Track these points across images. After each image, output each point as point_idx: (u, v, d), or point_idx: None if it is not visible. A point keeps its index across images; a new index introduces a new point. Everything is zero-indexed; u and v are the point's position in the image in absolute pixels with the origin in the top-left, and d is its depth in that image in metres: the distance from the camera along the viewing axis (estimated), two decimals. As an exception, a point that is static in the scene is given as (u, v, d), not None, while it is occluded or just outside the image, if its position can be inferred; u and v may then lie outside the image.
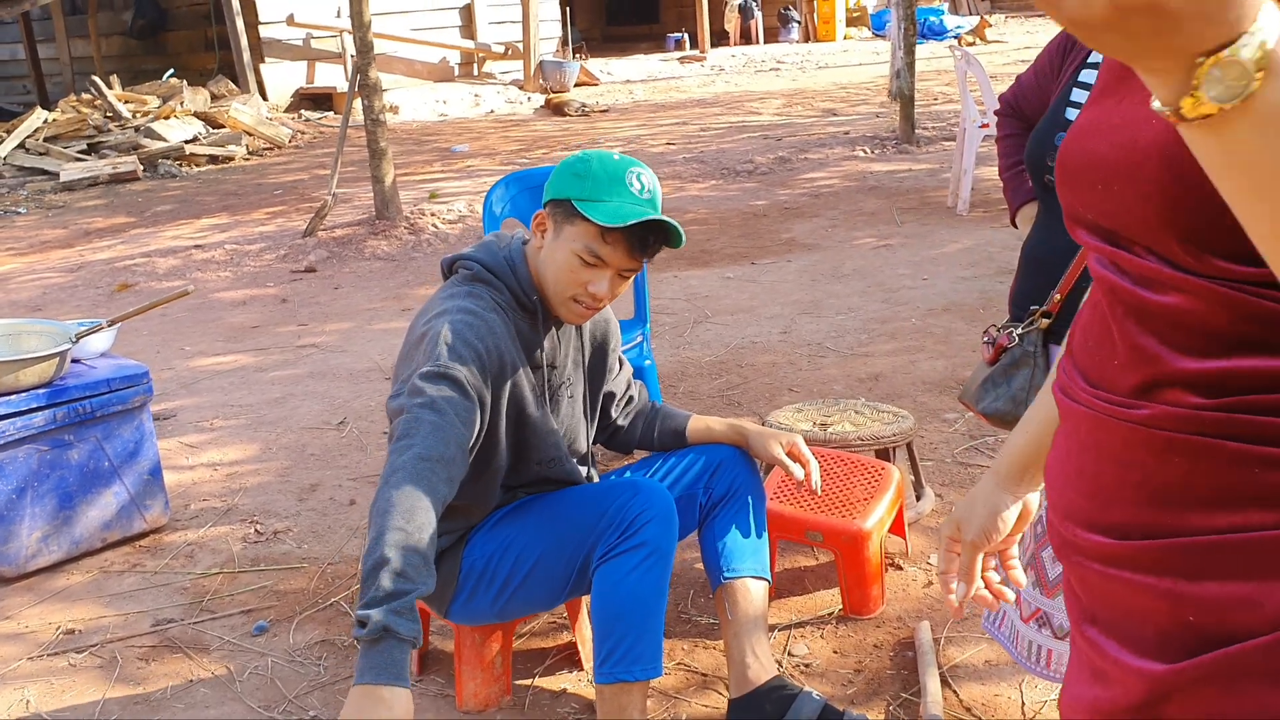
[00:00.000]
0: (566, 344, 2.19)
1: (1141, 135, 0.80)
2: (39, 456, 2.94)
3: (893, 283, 5.39)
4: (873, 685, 2.35)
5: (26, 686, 2.51)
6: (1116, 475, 0.86)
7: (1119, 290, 0.85)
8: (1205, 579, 0.81)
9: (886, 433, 2.95)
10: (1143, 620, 0.87)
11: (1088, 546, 0.90)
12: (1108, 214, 0.84)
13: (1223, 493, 0.80)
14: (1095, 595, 0.92)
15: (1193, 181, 0.75)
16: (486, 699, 2.32)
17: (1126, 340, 0.85)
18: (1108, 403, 0.86)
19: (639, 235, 1.97)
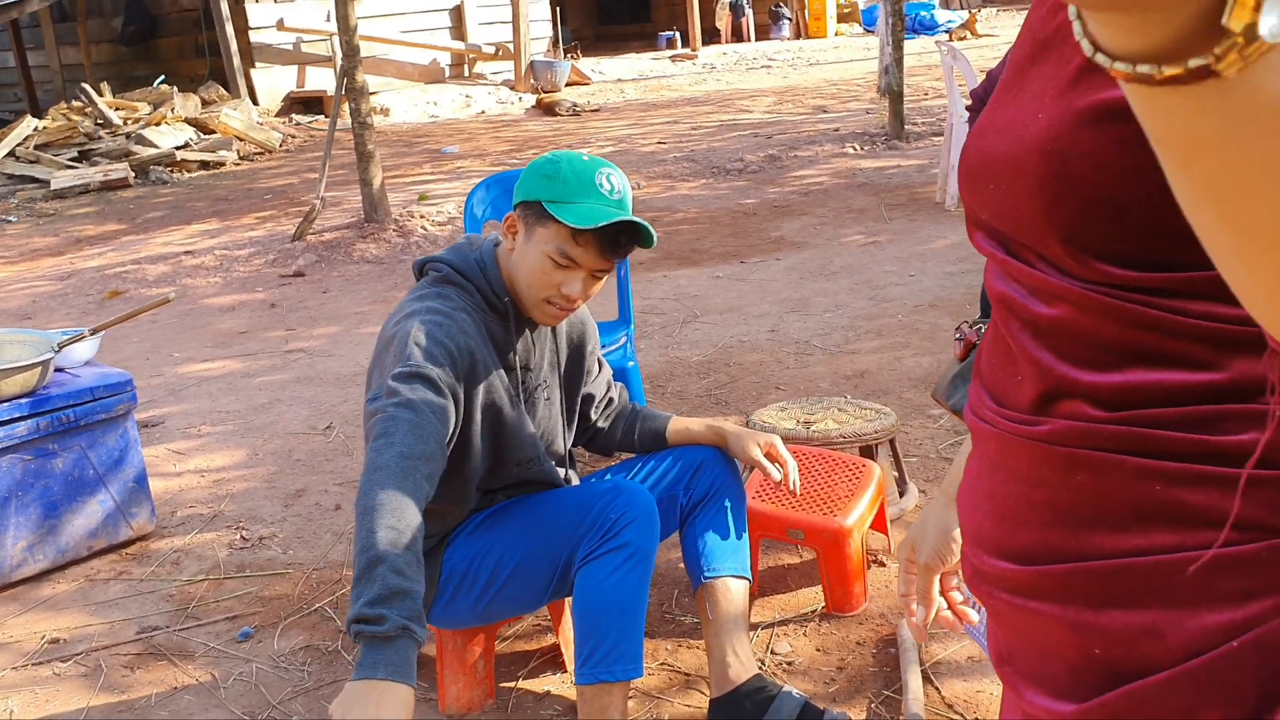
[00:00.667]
0: (542, 346, 2.20)
1: (1026, 131, 0.78)
2: (23, 466, 2.94)
3: (880, 279, 5.39)
4: (855, 683, 2.35)
5: (10, 696, 2.51)
6: (1023, 496, 0.82)
7: (1014, 305, 0.83)
8: (1110, 607, 0.78)
9: (869, 430, 2.95)
10: (1052, 655, 0.83)
11: (995, 574, 0.86)
12: (999, 215, 0.82)
13: (1127, 511, 0.77)
14: (1008, 630, 0.88)
15: (1072, 178, 0.74)
16: (469, 702, 2.33)
17: (1024, 355, 0.82)
18: (1012, 421, 0.83)
19: (610, 236, 1.98)
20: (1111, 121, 0.72)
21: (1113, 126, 0.72)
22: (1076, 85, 0.75)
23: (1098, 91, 0.73)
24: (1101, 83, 0.73)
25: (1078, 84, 0.75)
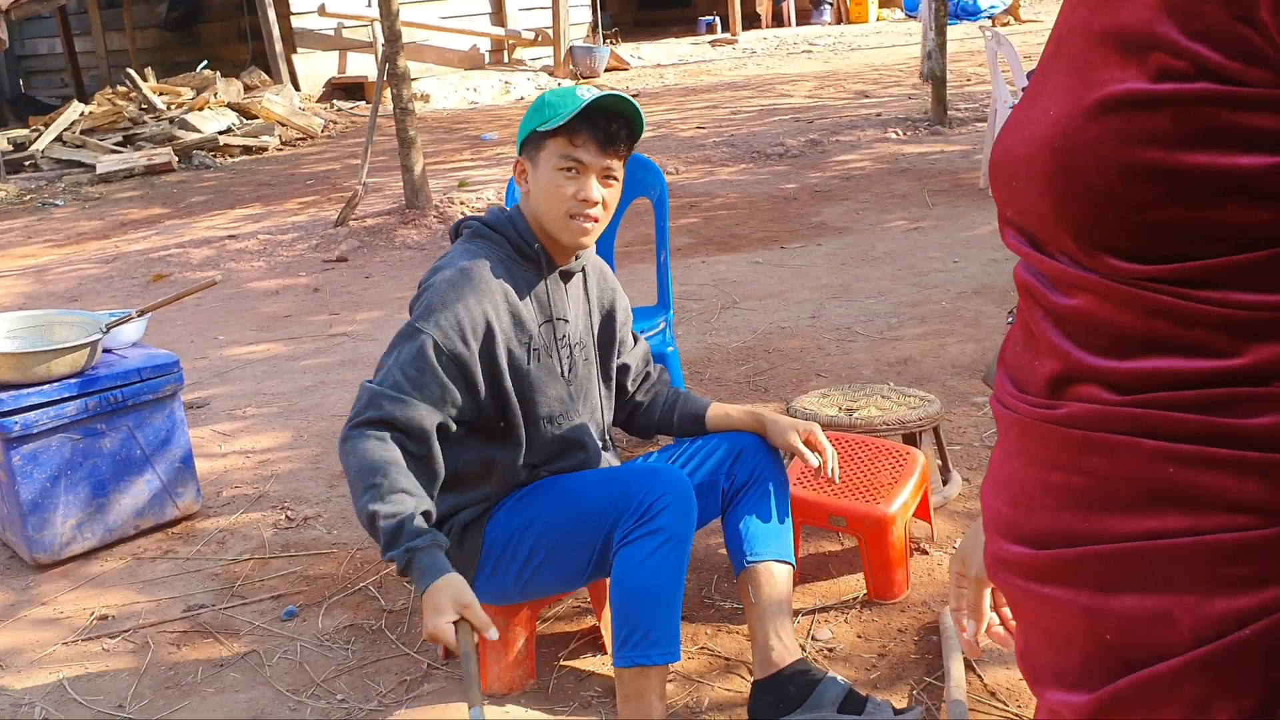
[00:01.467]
0: (578, 303, 2.23)
1: (1037, 128, 0.79)
2: (72, 445, 2.99)
3: (923, 266, 5.35)
4: (896, 669, 2.34)
5: (61, 671, 2.56)
6: (1039, 479, 0.83)
7: (1036, 293, 0.83)
8: (1122, 592, 0.77)
9: (912, 417, 2.93)
10: (1066, 644, 0.83)
11: (1010, 559, 0.86)
12: (1019, 211, 0.83)
13: (1140, 494, 0.77)
14: (1024, 620, 0.88)
15: (1078, 175, 0.74)
16: (510, 682, 2.34)
17: (1045, 341, 0.83)
18: (1030, 405, 0.84)
19: (603, 129, 2.03)
20: (1114, 114, 0.72)
21: (1115, 119, 0.72)
22: (1083, 80, 0.76)
23: (1103, 86, 0.74)
24: (1105, 77, 0.74)
25: (1085, 79, 0.76)
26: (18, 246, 7.43)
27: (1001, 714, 2.17)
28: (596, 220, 2.08)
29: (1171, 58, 0.71)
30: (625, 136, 2.07)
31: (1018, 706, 2.18)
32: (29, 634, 2.72)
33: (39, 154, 10.14)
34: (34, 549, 2.98)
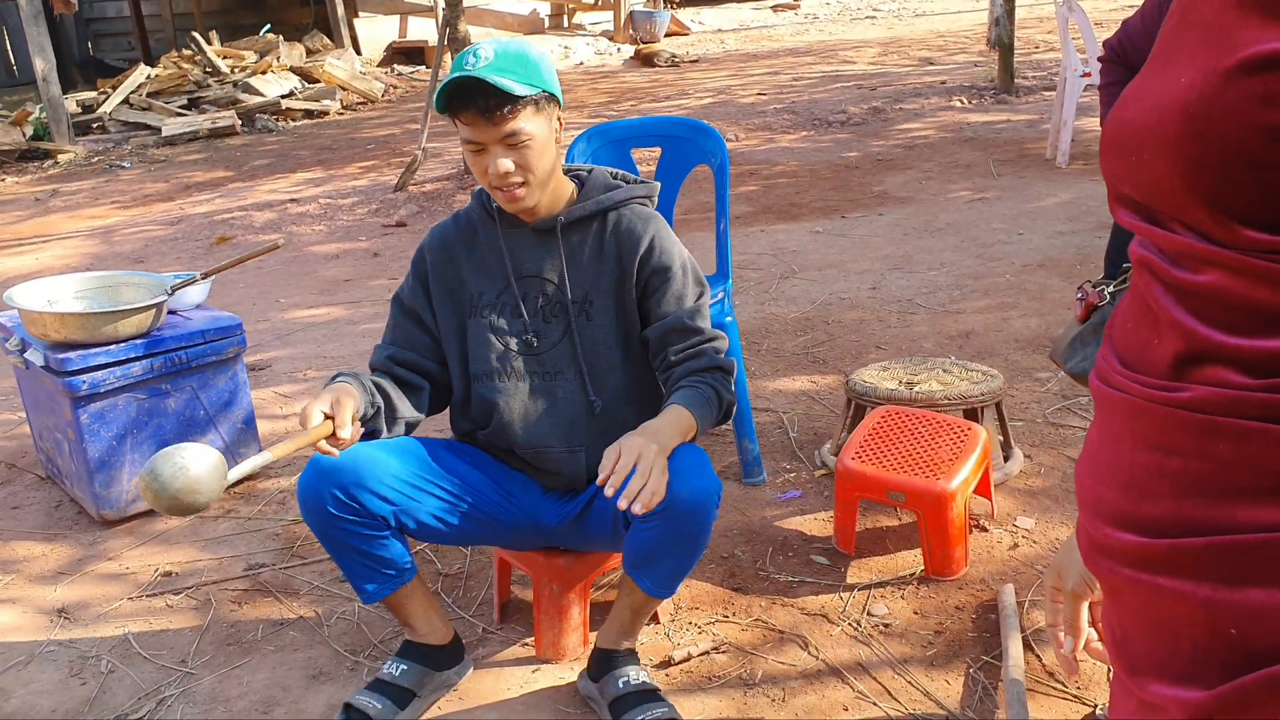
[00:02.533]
0: (576, 260, 2.14)
1: (1167, 96, 0.75)
2: (137, 405, 3.04)
3: (987, 237, 5.25)
4: (953, 647, 2.31)
5: (127, 625, 2.61)
6: (1153, 464, 0.79)
7: (1157, 269, 0.80)
8: (1249, 585, 0.74)
9: (974, 392, 2.88)
10: (1176, 636, 0.79)
11: (1119, 547, 0.82)
12: (1141, 186, 0.79)
13: (1273, 483, 0.73)
14: (1126, 610, 0.84)
15: (1214, 141, 0.70)
16: (564, 648, 2.35)
17: (1166, 318, 0.79)
18: (1146, 386, 0.80)
19: (479, 102, 1.95)
20: (1256, 76, 0.69)
21: (1257, 81, 0.69)
22: (1220, 44, 0.72)
23: (1243, 48, 0.70)
24: (1246, 39, 0.70)
25: (1221, 44, 0.72)
26: (86, 207, 7.57)
27: (1060, 695, 2.14)
28: (519, 186, 2.02)
29: None
30: (493, 99, 1.94)
31: (1077, 688, 2.15)
32: (95, 588, 2.79)
33: (106, 116, 10.30)
34: (100, 505, 3.04)
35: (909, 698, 2.16)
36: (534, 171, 2.02)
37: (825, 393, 3.63)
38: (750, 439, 3.01)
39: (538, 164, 2.02)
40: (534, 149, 2.00)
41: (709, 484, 1.97)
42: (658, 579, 2.07)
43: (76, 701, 2.34)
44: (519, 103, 1.95)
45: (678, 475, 1.93)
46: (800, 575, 2.60)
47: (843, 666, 2.27)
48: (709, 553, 2.71)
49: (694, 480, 1.95)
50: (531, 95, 1.96)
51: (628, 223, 2.14)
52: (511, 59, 1.97)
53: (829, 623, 2.42)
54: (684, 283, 2.14)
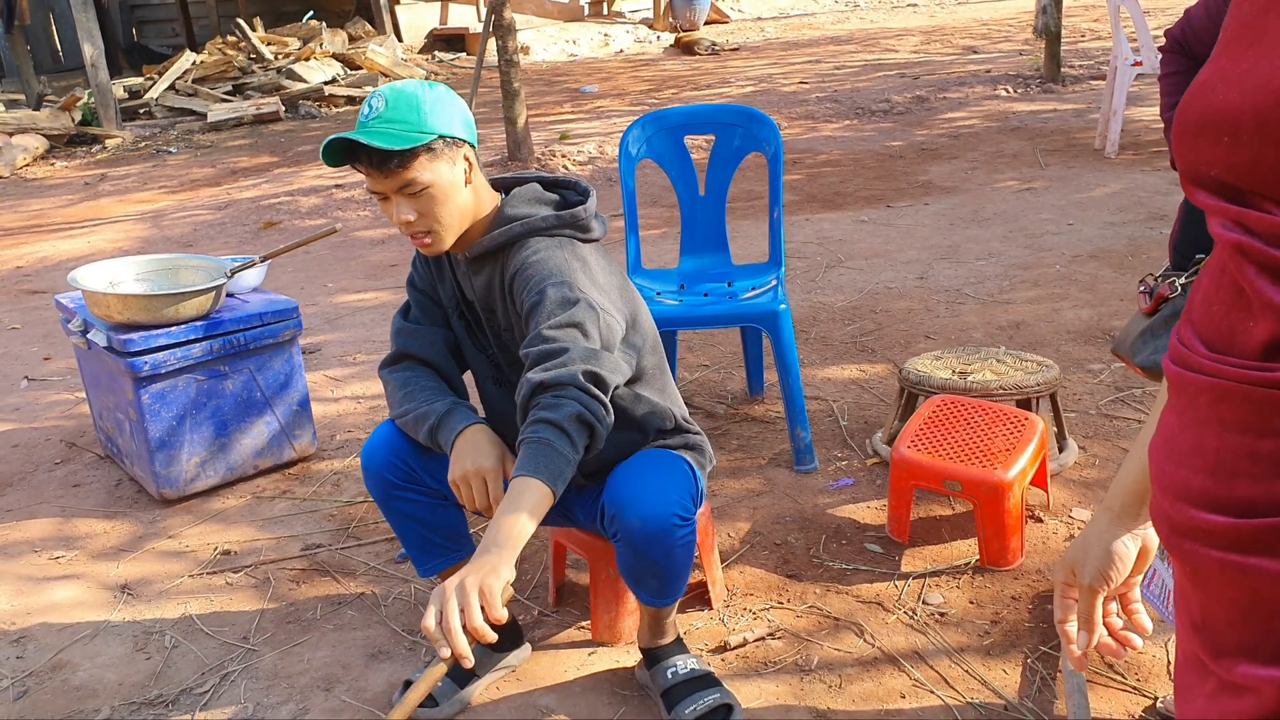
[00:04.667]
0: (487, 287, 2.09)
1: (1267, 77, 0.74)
2: (196, 386, 3.09)
3: (1036, 228, 5.21)
4: (1010, 637, 2.31)
5: (188, 601, 2.66)
6: (1245, 446, 0.78)
7: (1249, 250, 0.79)
8: None
9: (1029, 382, 2.87)
10: (1269, 617, 0.79)
11: (1206, 529, 0.82)
12: (1235, 169, 0.78)
13: None
14: (1211, 592, 0.84)
15: None
16: (621, 631, 2.37)
17: (1260, 299, 0.78)
18: (1236, 368, 0.79)
19: (362, 157, 1.90)
20: None
21: None
22: None
23: None
24: None
25: None
26: (135, 192, 7.66)
27: (1120, 687, 2.13)
28: (425, 233, 1.97)
29: None
30: (385, 154, 1.88)
31: (1137, 680, 2.14)
32: (157, 565, 2.84)
33: (153, 102, 10.41)
34: (161, 484, 3.09)
35: (966, 686, 2.16)
36: (437, 218, 1.96)
37: (875, 381, 3.62)
38: (803, 426, 3.02)
39: (441, 210, 1.95)
40: (435, 196, 1.94)
41: (660, 508, 1.94)
42: (649, 593, 2.09)
43: (142, 675, 2.39)
44: (406, 155, 1.89)
45: (629, 503, 1.95)
46: (854, 563, 2.60)
47: (899, 654, 2.27)
48: (761, 539, 2.72)
49: (644, 507, 1.94)
50: (420, 145, 1.89)
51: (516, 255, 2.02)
52: (404, 107, 1.91)
53: (884, 610, 2.42)
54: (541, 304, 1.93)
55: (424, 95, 1.93)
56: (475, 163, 2.01)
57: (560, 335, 1.86)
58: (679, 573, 2.04)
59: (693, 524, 2.00)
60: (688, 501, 2.00)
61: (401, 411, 2.13)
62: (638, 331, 2.09)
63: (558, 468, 1.73)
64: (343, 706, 2.24)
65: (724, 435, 3.31)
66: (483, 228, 2.04)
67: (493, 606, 1.53)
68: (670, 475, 2.02)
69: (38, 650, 2.50)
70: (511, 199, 2.07)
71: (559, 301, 1.90)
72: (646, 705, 2.19)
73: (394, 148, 1.86)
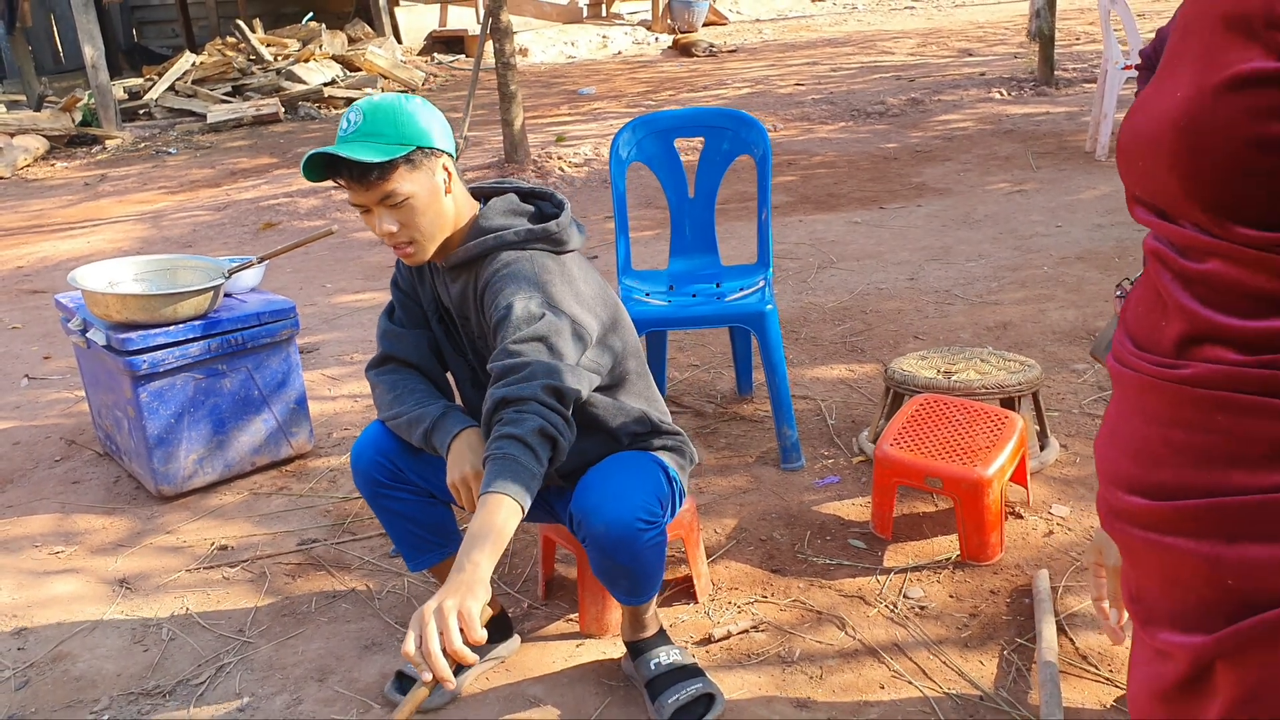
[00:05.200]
0: (462, 297, 2.15)
1: (1163, 108, 0.82)
2: (195, 384, 3.14)
3: (1025, 229, 5.26)
4: (988, 629, 2.36)
5: (185, 595, 2.71)
6: (1161, 435, 0.87)
7: (1166, 259, 0.87)
8: (1245, 541, 0.82)
9: (1011, 381, 2.92)
10: (1184, 590, 0.87)
11: (1131, 510, 0.90)
12: (1149, 190, 0.86)
13: (1268, 450, 0.80)
14: (1140, 568, 0.92)
15: (1206, 152, 0.78)
16: (607, 624, 2.42)
17: (1173, 302, 0.86)
18: (1154, 364, 0.88)
19: (347, 169, 1.94)
20: (1242, 92, 0.76)
21: (1243, 97, 0.76)
22: (1209, 63, 0.80)
23: (1231, 66, 0.78)
24: (1234, 58, 0.77)
25: (1210, 62, 0.79)
26: (134, 192, 7.72)
27: (1093, 678, 2.19)
28: (407, 243, 2.02)
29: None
30: (363, 167, 1.93)
31: (1109, 670, 2.20)
32: (155, 560, 2.89)
33: (153, 103, 10.47)
34: (159, 481, 3.15)
35: (944, 678, 2.22)
36: (418, 229, 2.01)
37: (863, 381, 3.68)
38: (789, 425, 3.07)
39: (421, 221, 2.00)
40: (416, 207, 1.99)
41: (623, 513, 1.99)
42: (623, 593, 2.15)
43: (140, 667, 2.44)
44: (385, 168, 1.93)
45: (593, 510, 2.01)
46: (838, 558, 2.66)
47: (879, 646, 2.33)
48: (747, 535, 2.78)
49: (608, 512, 1.99)
50: (399, 157, 1.94)
51: (488, 267, 2.08)
52: (382, 119, 1.96)
53: (866, 604, 2.48)
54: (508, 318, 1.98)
55: (401, 107, 1.98)
56: (454, 172, 2.06)
57: (524, 349, 1.91)
58: (650, 574, 2.10)
59: (659, 526, 2.06)
60: (654, 505, 2.05)
61: (393, 414, 2.18)
62: (617, 335, 2.15)
63: (524, 482, 1.78)
64: (335, 696, 2.30)
65: (713, 434, 3.37)
66: (461, 237, 2.09)
67: (472, 630, 1.57)
68: (637, 479, 2.07)
69: (38, 642, 2.56)
70: (488, 210, 2.11)
71: (524, 317, 1.95)
72: (632, 695, 2.24)
73: (373, 160, 1.91)
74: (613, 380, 2.16)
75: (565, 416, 1.90)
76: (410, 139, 1.96)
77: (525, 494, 1.78)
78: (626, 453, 2.17)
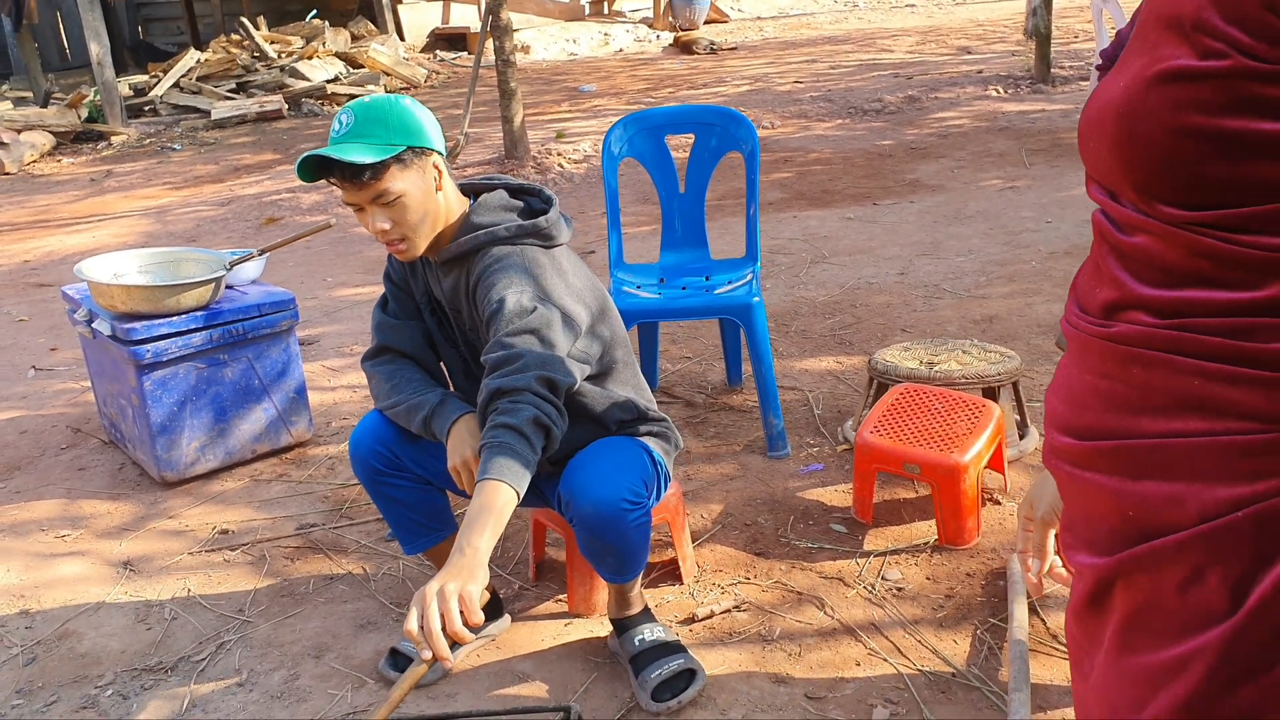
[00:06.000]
0: (454, 291, 2.22)
1: (1108, 97, 0.93)
2: (197, 373, 3.23)
3: (1016, 225, 5.34)
4: (962, 610, 2.44)
5: (188, 577, 2.80)
6: (1091, 385, 1.00)
7: (1106, 234, 0.99)
8: (1145, 478, 0.94)
9: (991, 372, 3.00)
10: (1099, 519, 1.00)
11: (1061, 448, 1.03)
12: (1099, 170, 0.98)
13: (1169, 401, 0.93)
14: (1069, 500, 1.06)
15: (1139, 135, 0.88)
16: (595, 604, 2.51)
17: (1108, 274, 0.98)
18: (1089, 324, 1.00)
19: (335, 170, 2.01)
20: (1169, 85, 0.87)
21: (1170, 90, 0.87)
22: (1150, 57, 0.90)
23: (1162, 62, 0.88)
24: (1166, 54, 0.89)
25: (1151, 56, 0.90)
26: (139, 188, 7.81)
27: (1062, 656, 2.26)
28: (400, 240, 2.10)
29: (1213, 39, 0.85)
30: (357, 167, 1.99)
31: (1078, 649, 2.28)
32: (158, 544, 2.98)
33: (158, 100, 10.56)
34: (162, 468, 3.24)
35: (918, 655, 2.30)
36: (410, 226, 2.08)
37: (850, 373, 3.76)
38: (775, 414, 3.15)
39: (413, 218, 2.08)
40: (408, 205, 2.06)
41: (610, 494, 2.07)
42: (609, 571, 2.24)
43: (143, 644, 2.53)
44: (377, 168, 2.00)
45: (581, 490, 2.09)
46: (819, 542, 2.74)
47: (857, 626, 2.41)
48: (733, 520, 2.86)
49: (595, 493, 2.08)
50: (389, 156, 2.01)
51: (479, 262, 2.15)
52: (373, 120, 2.02)
53: (845, 586, 2.56)
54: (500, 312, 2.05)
55: (391, 108, 2.06)
56: (444, 170, 2.14)
57: (517, 342, 1.99)
58: (635, 553, 2.18)
59: (644, 507, 2.14)
60: (639, 486, 2.14)
61: (391, 403, 2.26)
62: (605, 324, 2.23)
63: (519, 469, 1.86)
64: (332, 672, 2.38)
65: (702, 423, 3.45)
66: (452, 232, 2.17)
67: (471, 612, 1.65)
68: (623, 462, 2.16)
69: (45, 621, 2.65)
70: (478, 206, 2.19)
71: (517, 310, 2.03)
72: (617, 672, 2.33)
73: (365, 160, 1.99)
74: (601, 369, 2.24)
75: (558, 406, 1.98)
76: (401, 139, 2.04)
77: (521, 480, 1.86)
78: (613, 438, 2.26)
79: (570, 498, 2.11)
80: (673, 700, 2.17)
